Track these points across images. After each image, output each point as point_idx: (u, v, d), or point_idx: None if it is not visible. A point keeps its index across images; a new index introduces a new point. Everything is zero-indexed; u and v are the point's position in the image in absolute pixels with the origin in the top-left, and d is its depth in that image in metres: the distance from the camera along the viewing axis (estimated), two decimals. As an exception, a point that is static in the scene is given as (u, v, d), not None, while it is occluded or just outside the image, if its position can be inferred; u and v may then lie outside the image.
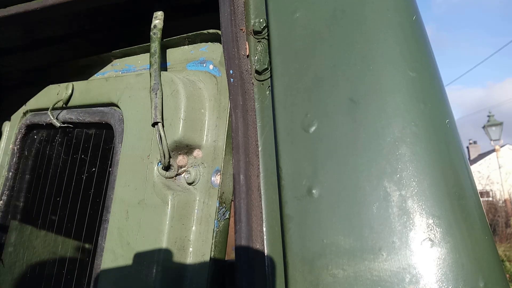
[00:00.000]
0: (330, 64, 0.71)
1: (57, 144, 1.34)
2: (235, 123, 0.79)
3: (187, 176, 0.92)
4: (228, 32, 0.85)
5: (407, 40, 0.68)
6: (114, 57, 1.21)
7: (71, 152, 1.29)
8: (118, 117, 1.06)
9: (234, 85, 0.81)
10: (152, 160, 0.92)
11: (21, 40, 1.26)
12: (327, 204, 0.62)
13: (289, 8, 0.78)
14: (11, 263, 1.29)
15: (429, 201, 0.58)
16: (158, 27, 1.00)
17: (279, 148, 0.70)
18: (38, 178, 1.35)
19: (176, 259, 0.83)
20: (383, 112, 0.64)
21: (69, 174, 1.27)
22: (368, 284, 0.56)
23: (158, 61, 0.96)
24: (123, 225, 0.91)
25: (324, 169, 0.65)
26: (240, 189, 0.74)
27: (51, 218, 1.31)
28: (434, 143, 0.62)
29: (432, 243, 0.56)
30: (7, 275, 1.27)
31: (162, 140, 0.89)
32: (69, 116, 1.19)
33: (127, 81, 1.05)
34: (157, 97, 0.91)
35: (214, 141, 0.92)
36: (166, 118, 0.92)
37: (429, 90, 0.66)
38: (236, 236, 0.72)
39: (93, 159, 1.21)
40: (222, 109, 0.94)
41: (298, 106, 0.71)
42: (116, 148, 1.03)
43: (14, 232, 1.33)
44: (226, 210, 0.87)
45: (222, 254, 0.85)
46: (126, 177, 0.96)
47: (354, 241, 0.59)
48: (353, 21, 0.71)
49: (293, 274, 0.61)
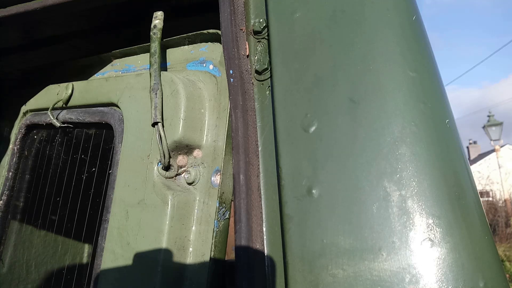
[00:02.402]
0: (330, 64, 0.71)
1: (57, 144, 1.34)
2: (235, 123, 0.79)
3: (187, 176, 0.92)
4: (228, 32, 0.85)
5: (407, 40, 0.68)
6: (114, 57, 1.21)
7: (71, 152, 1.29)
8: (118, 117, 1.06)
9: (234, 85, 0.81)
10: (152, 160, 0.92)
11: (21, 40, 1.26)
12: (327, 204, 0.62)
13: (289, 8, 0.78)
14: (11, 263, 1.29)
15: (429, 201, 0.58)
16: (158, 27, 1.00)
17: (279, 148, 0.70)
18: (38, 178, 1.35)
19: (176, 259, 0.83)
20: (383, 112, 0.64)
21: (69, 174, 1.27)
22: (368, 284, 0.56)
23: (158, 61, 0.96)
24: (123, 225, 0.91)
25: (324, 169, 0.65)
26: (240, 189, 0.74)
27: (51, 218, 1.31)
28: (434, 143, 0.62)
29: (432, 243, 0.56)
30: (7, 275, 1.27)
31: (162, 140, 0.89)
32: (69, 116, 1.19)
33: (127, 81, 1.05)
34: (157, 97, 0.91)
35: (214, 141, 0.92)
36: (166, 118, 0.92)
37: (429, 90, 0.66)
38: (236, 236, 0.72)
39: (93, 159, 1.21)
40: (222, 109, 0.94)
41: (298, 106, 0.71)
42: (116, 148, 1.03)
43: (14, 232, 1.33)
44: (226, 210, 0.87)
45: (222, 254, 0.85)
46: (126, 177, 0.95)
47: (354, 241, 0.59)
48: (353, 21, 0.71)
49: (293, 274, 0.61)
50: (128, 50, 1.16)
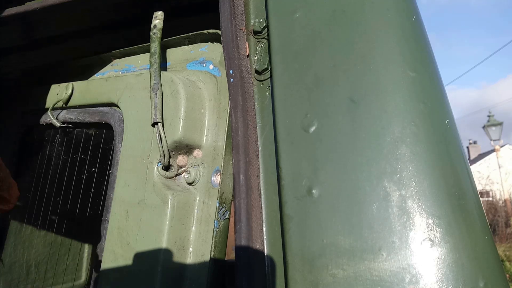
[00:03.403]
0: (330, 64, 0.71)
1: (57, 144, 1.34)
2: (235, 123, 0.79)
3: (187, 176, 0.92)
4: (228, 32, 0.85)
5: (407, 40, 0.68)
6: (114, 57, 1.21)
7: (71, 152, 1.29)
8: (118, 117, 1.06)
9: (234, 85, 0.81)
10: (152, 160, 0.92)
11: (21, 40, 1.26)
12: (327, 204, 0.62)
13: (289, 8, 0.78)
14: (11, 263, 1.29)
15: (429, 201, 0.58)
16: (158, 27, 1.00)
17: (279, 148, 0.70)
18: (38, 178, 1.35)
19: (176, 259, 0.83)
20: (383, 112, 0.64)
21: (69, 174, 1.27)
22: (368, 284, 0.56)
23: (158, 61, 0.96)
24: (123, 225, 0.91)
25: (324, 169, 0.65)
26: (240, 189, 0.74)
27: (51, 218, 1.31)
28: (434, 143, 0.62)
29: (432, 243, 0.56)
30: (7, 275, 1.27)
31: (162, 140, 0.89)
32: (69, 116, 1.19)
33: (127, 81, 1.05)
34: (157, 97, 0.91)
35: (214, 141, 0.92)
36: (166, 118, 0.92)
37: (429, 90, 0.66)
38: (236, 236, 0.72)
39: (93, 159, 1.21)
40: (222, 109, 0.94)
41: (298, 106, 0.71)
42: (116, 148, 1.03)
43: (14, 232, 1.33)
44: (226, 210, 0.87)
45: (222, 254, 0.85)
46: (126, 177, 0.95)
47: (354, 241, 0.59)
48: (353, 21, 0.71)
49: (293, 274, 0.61)
50: (128, 50, 1.16)
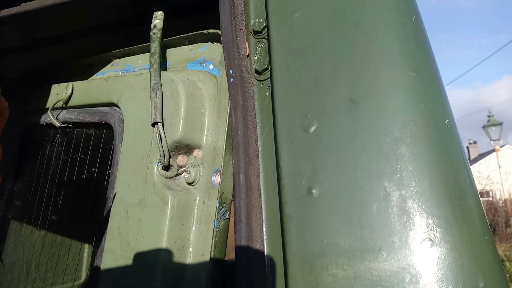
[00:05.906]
0: (330, 64, 0.71)
1: (57, 144, 1.34)
2: (235, 123, 0.79)
3: (187, 176, 0.92)
4: (228, 32, 0.85)
5: (407, 40, 0.68)
6: (114, 57, 1.21)
7: (71, 152, 1.29)
8: (118, 117, 1.06)
9: (234, 85, 0.81)
10: (152, 160, 0.92)
11: (21, 40, 1.26)
12: (327, 204, 0.62)
13: (289, 8, 0.78)
14: (11, 263, 1.29)
15: (429, 201, 0.58)
16: (158, 27, 0.99)
17: (279, 148, 0.70)
18: (38, 178, 1.35)
19: (176, 259, 0.83)
20: (383, 112, 0.64)
21: (69, 174, 1.27)
22: (368, 284, 0.56)
23: (158, 61, 0.96)
24: (123, 225, 0.91)
25: (324, 169, 0.64)
26: (240, 189, 0.74)
27: (51, 218, 1.31)
28: (434, 143, 0.62)
29: (432, 243, 0.56)
30: (7, 275, 1.27)
31: (162, 140, 0.89)
32: (69, 116, 1.19)
33: (127, 81, 1.05)
34: (157, 97, 0.91)
35: (214, 141, 0.92)
36: (166, 118, 0.92)
37: (429, 90, 0.66)
38: (236, 236, 0.72)
39: (93, 159, 1.21)
40: (222, 109, 0.94)
41: (298, 106, 0.71)
42: (116, 148, 1.03)
43: (14, 232, 1.33)
44: (226, 210, 0.87)
45: (222, 254, 0.85)
46: (126, 177, 0.95)
47: (354, 241, 0.59)
48: (353, 21, 0.71)
49: (293, 274, 0.61)
50: (128, 50, 1.16)
